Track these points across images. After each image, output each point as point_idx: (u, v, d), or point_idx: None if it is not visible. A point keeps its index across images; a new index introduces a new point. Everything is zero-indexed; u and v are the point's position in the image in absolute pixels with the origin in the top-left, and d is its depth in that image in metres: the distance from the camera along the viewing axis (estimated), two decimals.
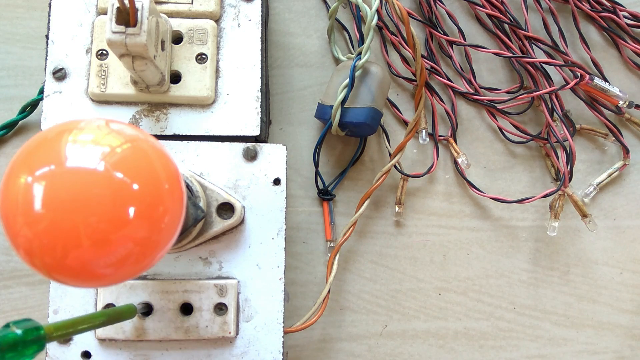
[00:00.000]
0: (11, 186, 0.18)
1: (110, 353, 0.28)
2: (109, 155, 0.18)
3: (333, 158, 0.39)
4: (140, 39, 0.25)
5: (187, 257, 0.28)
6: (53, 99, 0.31)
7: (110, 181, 0.18)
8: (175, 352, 0.28)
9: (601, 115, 0.40)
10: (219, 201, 0.28)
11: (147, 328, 0.27)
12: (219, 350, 0.28)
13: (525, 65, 0.40)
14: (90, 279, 0.19)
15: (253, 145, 0.29)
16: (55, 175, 0.17)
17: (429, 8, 0.40)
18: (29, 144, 0.19)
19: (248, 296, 0.28)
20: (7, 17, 0.39)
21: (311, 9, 0.41)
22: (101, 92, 0.31)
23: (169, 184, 0.20)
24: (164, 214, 0.19)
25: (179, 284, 0.28)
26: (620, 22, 0.41)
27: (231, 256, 0.29)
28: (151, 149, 0.20)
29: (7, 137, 0.38)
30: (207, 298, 0.28)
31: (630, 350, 0.39)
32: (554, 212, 0.38)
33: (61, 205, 0.17)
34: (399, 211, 0.38)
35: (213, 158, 0.29)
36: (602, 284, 0.39)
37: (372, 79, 0.35)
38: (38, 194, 0.17)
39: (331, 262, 0.35)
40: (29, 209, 0.17)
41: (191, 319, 0.28)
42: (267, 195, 0.29)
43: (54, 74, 0.31)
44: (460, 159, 0.38)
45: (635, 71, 0.41)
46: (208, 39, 0.32)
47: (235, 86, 0.32)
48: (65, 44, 0.32)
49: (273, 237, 0.29)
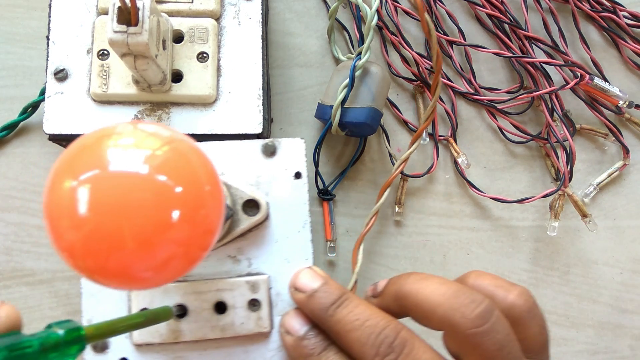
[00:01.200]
0: (56, 191, 0.18)
1: (148, 358, 0.28)
2: (150, 158, 0.18)
3: (333, 158, 0.39)
4: (142, 38, 0.25)
5: (215, 257, 0.28)
6: (55, 99, 0.31)
7: (153, 184, 0.18)
8: (213, 352, 0.28)
9: (601, 115, 0.40)
10: (244, 198, 0.28)
11: (183, 330, 0.27)
12: (255, 346, 0.28)
13: (525, 65, 0.40)
14: (131, 281, 0.19)
15: (272, 141, 0.29)
16: (99, 179, 0.18)
17: (429, 8, 0.40)
18: (70, 151, 0.19)
19: (279, 290, 0.28)
20: (7, 17, 0.39)
21: (311, 9, 0.41)
22: (103, 92, 0.31)
23: (210, 186, 0.20)
24: (205, 216, 0.19)
25: (211, 283, 0.28)
26: (620, 22, 0.41)
27: (259, 252, 0.29)
28: (190, 150, 0.20)
29: (9, 138, 0.38)
30: (240, 295, 0.28)
31: (630, 350, 0.39)
32: (554, 212, 0.38)
33: (106, 208, 0.17)
34: (399, 211, 0.38)
35: (232, 156, 0.29)
36: (602, 284, 0.39)
37: (372, 78, 0.35)
38: (83, 197, 0.17)
39: (355, 253, 0.35)
40: (74, 212, 0.17)
41: (226, 317, 0.28)
42: (289, 189, 0.29)
43: (55, 74, 0.31)
44: (460, 159, 0.38)
45: (635, 71, 0.41)
46: (209, 37, 0.32)
47: (236, 84, 0.32)
48: (66, 45, 0.32)
49: (299, 231, 0.29)
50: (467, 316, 0.23)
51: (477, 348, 0.23)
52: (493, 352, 0.23)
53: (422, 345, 0.24)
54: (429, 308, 0.24)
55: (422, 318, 0.24)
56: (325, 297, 0.25)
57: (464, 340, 0.23)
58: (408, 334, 0.24)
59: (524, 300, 0.25)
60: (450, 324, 0.23)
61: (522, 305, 0.25)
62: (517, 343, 0.24)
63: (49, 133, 0.31)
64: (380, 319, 0.24)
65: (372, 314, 0.24)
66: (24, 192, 0.37)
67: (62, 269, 0.36)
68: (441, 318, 0.23)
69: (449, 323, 0.23)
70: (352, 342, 0.24)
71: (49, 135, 0.31)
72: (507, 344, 0.23)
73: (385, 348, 0.23)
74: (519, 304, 0.25)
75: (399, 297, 0.25)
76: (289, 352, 0.26)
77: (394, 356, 0.23)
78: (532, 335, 0.25)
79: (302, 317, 0.26)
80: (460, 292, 0.23)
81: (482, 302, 0.23)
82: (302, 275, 0.27)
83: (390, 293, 0.26)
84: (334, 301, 0.25)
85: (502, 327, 0.23)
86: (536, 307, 0.25)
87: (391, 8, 0.40)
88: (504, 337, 0.23)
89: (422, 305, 0.24)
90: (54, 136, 0.31)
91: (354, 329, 0.24)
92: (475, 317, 0.23)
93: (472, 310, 0.23)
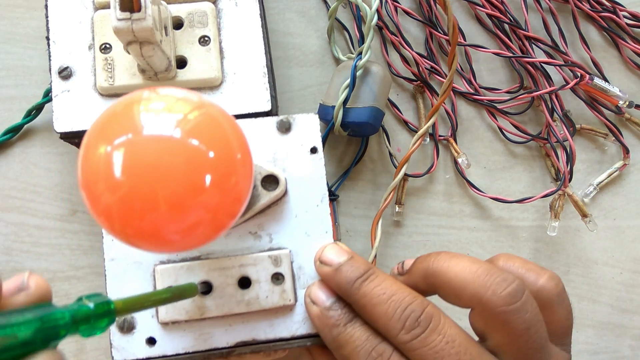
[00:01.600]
0: (91, 156, 0.18)
1: (175, 336, 0.28)
2: (183, 122, 0.18)
3: (335, 158, 0.39)
4: (147, 23, 0.25)
5: (237, 234, 0.29)
6: (62, 98, 0.31)
7: (186, 148, 0.18)
8: (239, 327, 0.28)
9: (601, 115, 0.40)
10: (262, 174, 0.28)
11: (208, 305, 0.28)
12: (280, 319, 0.28)
13: (525, 65, 0.40)
14: (161, 243, 0.19)
15: (286, 117, 0.30)
16: (133, 143, 0.18)
17: (429, 8, 0.40)
18: (100, 120, 0.19)
19: (301, 264, 0.28)
20: (7, 17, 0.39)
21: (311, 9, 0.41)
22: (110, 85, 0.31)
23: (241, 154, 0.20)
24: (236, 184, 0.19)
25: (234, 259, 0.28)
26: (620, 22, 0.41)
27: (279, 227, 0.29)
28: (222, 116, 0.20)
29: (13, 141, 0.38)
30: (263, 270, 0.28)
31: (630, 350, 0.39)
32: (554, 212, 0.38)
33: (140, 171, 0.18)
34: (399, 211, 0.38)
35: (248, 134, 0.29)
36: (602, 284, 0.39)
37: (373, 78, 0.35)
38: (118, 161, 0.18)
39: (374, 229, 0.35)
40: (109, 175, 0.18)
41: (251, 292, 0.28)
42: (306, 164, 0.29)
43: (60, 73, 0.31)
44: (461, 159, 0.38)
45: (635, 71, 0.41)
46: (208, 20, 0.32)
47: (240, 65, 0.32)
48: (66, 43, 0.32)
49: (317, 204, 0.29)
50: (499, 294, 0.23)
51: (506, 326, 0.23)
52: (521, 330, 0.23)
53: (448, 320, 0.24)
54: (459, 285, 0.24)
55: (452, 295, 0.25)
56: (352, 271, 0.25)
57: (492, 318, 0.23)
58: (434, 310, 0.24)
59: (555, 285, 0.25)
60: (480, 301, 0.23)
61: (552, 289, 0.25)
62: (544, 325, 0.24)
63: (60, 132, 0.31)
64: (407, 294, 0.24)
65: (398, 289, 0.25)
66: (24, 192, 0.37)
67: (62, 269, 0.36)
68: (472, 295, 0.24)
69: (479, 300, 0.23)
70: (378, 316, 0.24)
71: (60, 134, 0.31)
72: (534, 324, 0.23)
73: (411, 322, 0.23)
74: (548, 287, 0.25)
75: (428, 274, 0.25)
76: (314, 322, 0.27)
77: (419, 330, 0.23)
78: (558, 320, 0.26)
79: (327, 290, 0.27)
80: (491, 270, 0.24)
81: (514, 282, 0.23)
82: (328, 249, 0.27)
83: (418, 270, 0.26)
84: (360, 275, 0.25)
85: (532, 307, 0.24)
86: (564, 292, 0.26)
87: (391, 8, 0.40)
88: (533, 317, 0.23)
89: (452, 282, 0.24)
90: (65, 134, 0.31)
91: (380, 303, 0.24)
92: (507, 295, 0.23)
93: (503, 289, 0.23)
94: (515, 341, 0.23)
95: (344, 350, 0.25)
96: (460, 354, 0.23)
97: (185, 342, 0.28)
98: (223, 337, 0.28)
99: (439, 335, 0.23)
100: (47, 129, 0.38)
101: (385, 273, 0.26)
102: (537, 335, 0.24)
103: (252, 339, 0.28)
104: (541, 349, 0.24)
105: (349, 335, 0.25)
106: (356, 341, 0.24)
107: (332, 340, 0.25)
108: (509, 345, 0.24)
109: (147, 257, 0.28)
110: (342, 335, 0.25)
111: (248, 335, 0.28)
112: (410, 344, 0.23)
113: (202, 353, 0.28)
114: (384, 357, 0.24)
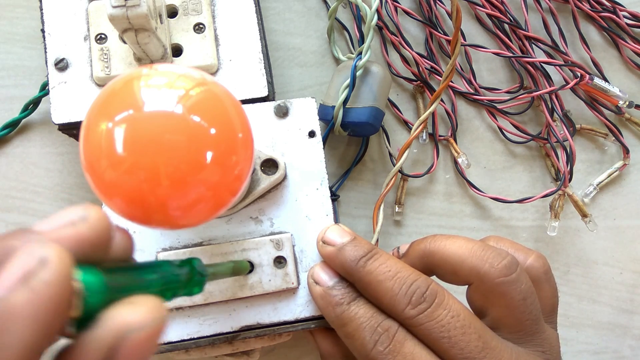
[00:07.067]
0: (92, 133, 0.18)
1: (180, 322, 0.28)
2: (184, 98, 0.18)
3: (335, 158, 0.39)
4: (141, 10, 0.26)
5: (238, 219, 0.29)
6: (59, 89, 0.31)
7: (188, 124, 0.18)
8: (243, 311, 0.28)
9: (601, 115, 0.40)
10: (262, 158, 0.28)
11: (212, 291, 0.28)
12: (284, 302, 0.28)
13: (525, 65, 0.40)
14: (162, 219, 0.19)
15: (284, 102, 0.30)
16: (134, 119, 0.18)
17: (429, 8, 0.40)
18: (100, 97, 0.19)
19: (303, 247, 0.29)
20: (7, 17, 0.39)
21: (311, 9, 0.41)
22: (106, 75, 0.31)
23: (243, 133, 0.20)
24: (236, 163, 0.19)
25: (236, 244, 0.28)
26: (620, 22, 0.41)
27: (280, 212, 0.29)
28: (224, 94, 0.20)
29: (10, 136, 0.38)
30: (265, 253, 0.28)
31: (630, 350, 0.39)
32: (554, 212, 0.38)
33: (142, 147, 0.18)
34: (399, 211, 0.38)
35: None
36: (602, 284, 0.39)
37: (374, 78, 0.35)
38: (119, 137, 0.18)
39: (376, 214, 0.35)
40: (112, 152, 0.18)
41: (254, 276, 0.28)
42: (304, 148, 0.30)
43: (56, 65, 0.32)
44: (461, 159, 0.38)
45: (635, 71, 0.41)
46: (202, 8, 0.32)
47: (236, 51, 0.32)
48: (62, 35, 0.32)
49: (317, 188, 0.29)
50: (495, 266, 0.24)
51: (504, 297, 0.24)
52: (518, 301, 0.24)
53: (452, 296, 0.25)
54: (457, 261, 0.25)
55: (450, 272, 0.26)
56: (356, 250, 0.26)
57: (491, 290, 0.25)
58: (438, 287, 0.25)
59: (542, 264, 0.27)
60: (478, 274, 0.25)
61: (539, 268, 0.27)
62: (537, 298, 0.25)
63: (58, 123, 0.31)
64: (411, 272, 0.25)
65: (402, 267, 0.25)
66: (24, 192, 0.37)
67: None
68: (470, 269, 0.25)
69: (477, 273, 0.25)
70: (383, 293, 0.24)
71: (59, 125, 0.32)
72: (529, 295, 0.25)
73: (417, 298, 0.24)
74: (537, 266, 0.27)
75: (425, 255, 0.26)
76: (317, 302, 0.27)
77: (426, 305, 0.24)
78: (545, 297, 0.27)
79: (330, 270, 0.27)
80: (486, 247, 0.25)
81: (508, 255, 0.25)
82: (331, 230, 0.27)
83: (415, 252, 0.27)
84: (364, 254, 0.26)
85: (526, 279, 0.25)
86: (550, 271, 0.28)
87: (391, 8, 0.40)
88: (528, 288, 0.25)
89: (450, 259, 0.25)
90: (63, 125, 0.32)
91: (386, 279, 0.25)
92: (503, 267, 0.24)
93: (499, 262, 0.25)
94: (513, 312, 0.24)
95: (348, 327, 0.25)
96: (465, 327, 0.23)
97: (190, 327, 0.28)
98: (227, 322, 0.28)
99: (445, 310, 0.24)
100: (45, 123, 0.38)
101: (388, 253, 0.26)
102: (533, 307, 0.25)
103: (257, 322, 0.28)
104: (537, 321, 0.25)
105: (353, 313, 0.25)
106: (361, 318, 0.25)
107: (336, 318, 0.26)
108: (507, 318, 0.25)
109: (149, 244, 0.28)
110: (345, 313, 0.25)
111: (252, 319, 0.28)
112: (416, 318, 0.24)
113: (207, 338, 0.28)
114: (390, 333, 0.24)
